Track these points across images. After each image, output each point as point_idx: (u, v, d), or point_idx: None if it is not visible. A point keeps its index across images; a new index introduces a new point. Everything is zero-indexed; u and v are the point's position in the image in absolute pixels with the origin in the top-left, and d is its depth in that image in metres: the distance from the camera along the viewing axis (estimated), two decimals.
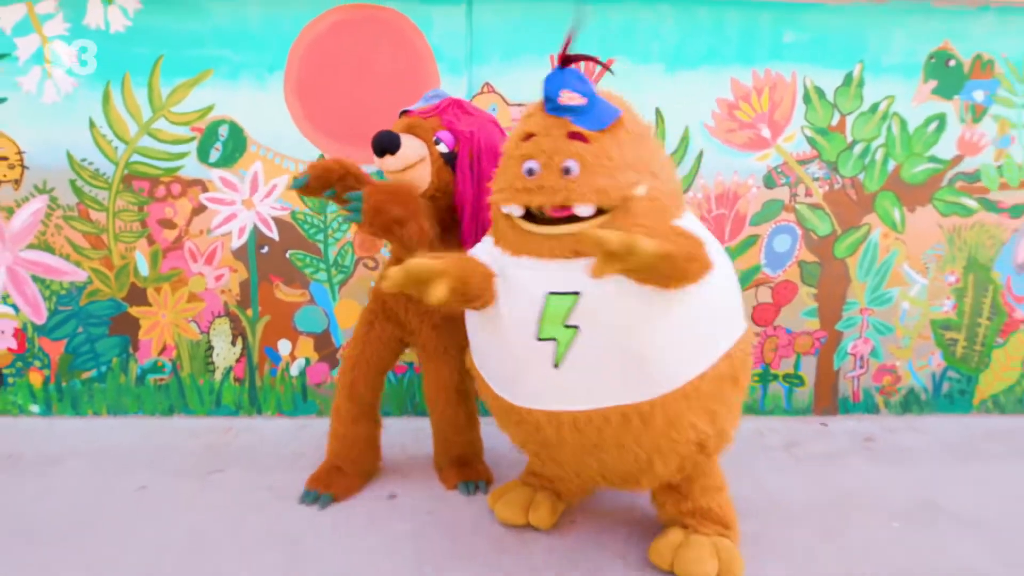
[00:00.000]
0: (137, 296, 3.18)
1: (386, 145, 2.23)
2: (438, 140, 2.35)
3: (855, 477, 2.77)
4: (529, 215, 1.89)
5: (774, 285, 3.26)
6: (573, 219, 1.83)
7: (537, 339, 1.85)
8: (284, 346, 3.24)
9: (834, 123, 3.14)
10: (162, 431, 3.10)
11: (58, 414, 3.26)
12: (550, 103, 1.87)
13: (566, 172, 1.82)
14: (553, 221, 1.85)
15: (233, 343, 3.23)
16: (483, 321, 2.02)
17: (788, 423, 3.29)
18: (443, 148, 2.35)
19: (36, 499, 2.50)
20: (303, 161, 3.05)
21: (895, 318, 3.33)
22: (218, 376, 3.25)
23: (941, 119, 3.17)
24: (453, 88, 3.00)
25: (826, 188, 3.19)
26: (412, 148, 2.30)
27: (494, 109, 3.02)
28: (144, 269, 3.16)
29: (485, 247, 2.09)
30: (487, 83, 3.03)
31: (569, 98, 1.83)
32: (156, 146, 3.06)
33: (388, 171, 2.32)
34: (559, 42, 3.02)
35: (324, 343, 3.24)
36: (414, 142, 2.31)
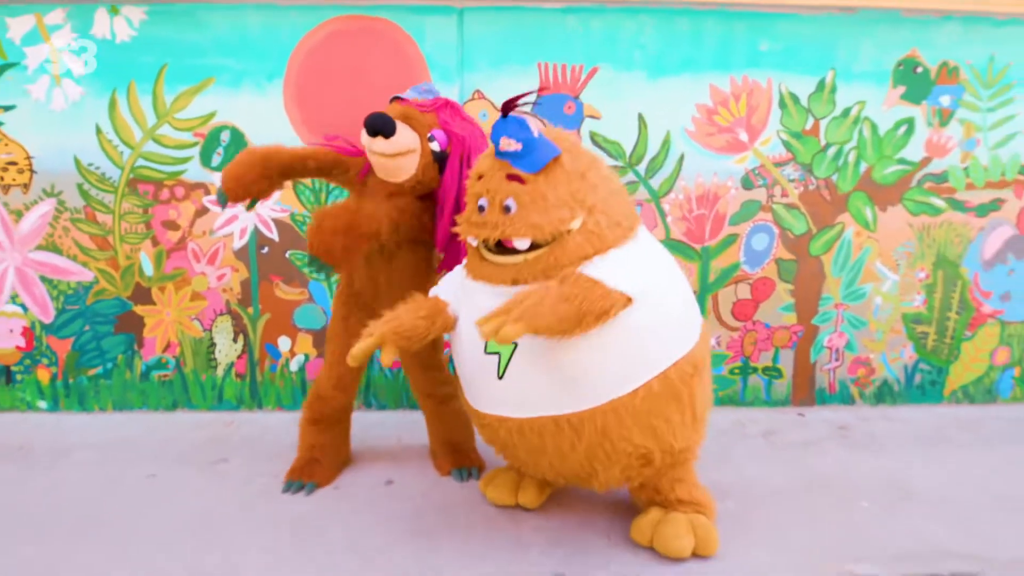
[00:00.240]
0: (142, 295, 3.30)
1: (380, 127, 2.31)
2: (432, 137, 2.45)
3: (829, 463, 2.92)
4: (483, 244, 2.13)
5: (753, 282, 3.41)
6: (515, 251, 2.07)
7: (485, 352, 2.10)
8: (284, 343, 3.37)
9: (808, 127, 3.30)
10: (166, 425, 3.22)
11: (65, 410, 3.38)
12: (495, 148, 2.08)
13: (506, 210, 2.04)
14: (500, 251, 2.10)
15: (235, 340, 3.36)
16: (454, 336, 2.30)
17: (767, 414, 3.44)
18: (435, 146, 2.46)
19: (49, 487, 2.62)
20: None
21: (868, 313, 3.49)
22: (220, 372, 3.38)
23: (910, 123, 3.33)
24: (445, 94, 3.13)
25: (801, 189, 3.35)
26: (405, 137, 2.38)
27: (484, 115, 3.17)
28: (149, 269, 3.28)
29: (456, 272, 2.35)
30: (477, 90, 3.17)
31: (506, 144, 2.03)
32: (160, 151, 3.19)
33: (375, 152, 2.37)
34: (546, 50, 3.20)
35: (323, 340, 3.36)
36: (408, 132, 2.40)
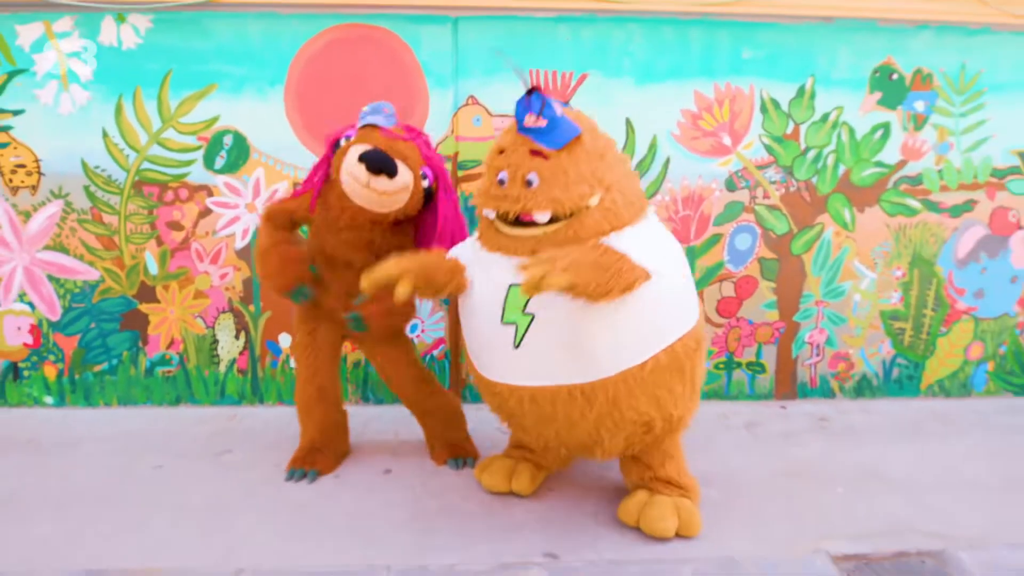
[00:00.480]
0: (147, 293, 3.41)
1: (384, 167, 2.43)
2: (424, 175, 2.58)
3: (808, 453, 3.06)
4: (501, 217, 2.20)
5: (736, 280, 3.55)
6: (533, 224, 2.15)
7: (501, 323, 2.18)
8: (284, 339, 3.48)
9: (789, 131, 3.44)
10: (171, 419, 3.33)
11: (71, 405, 3.48)
12: (519, 124, 2.17)
13: (527, 184, 2.13)
14: (518, 223, 2.17)
15: (237, 337, 3.47)
16: (465, 305, 2.35)
17: (751, 407, 3.57)
18: (425, 183, 2.59)
19: (61, 476, 2.73)
20: (302, 168, 3.28)
21: (848, 309, 3.63)
22: (222, 368, 3.49)
23: (886, 127, 3.48)
24: (440, 100, 3.28)
25: (782, 191, 3.49)
26: (404, 177, 2.50)
27: (478, 121, 3.30)
28: (153, 268, 3.39)
29: (468, 243, 2.41)
30: (471, 96, 3.30)
31: (533, 121, 2.13)
32: (165, 154, 3.30)
33: (374, 189, 2.46)
34: (538, 57, 3.33)
35: None
36: (406, 171, 2.51)
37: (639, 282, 2.07)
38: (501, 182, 2.17)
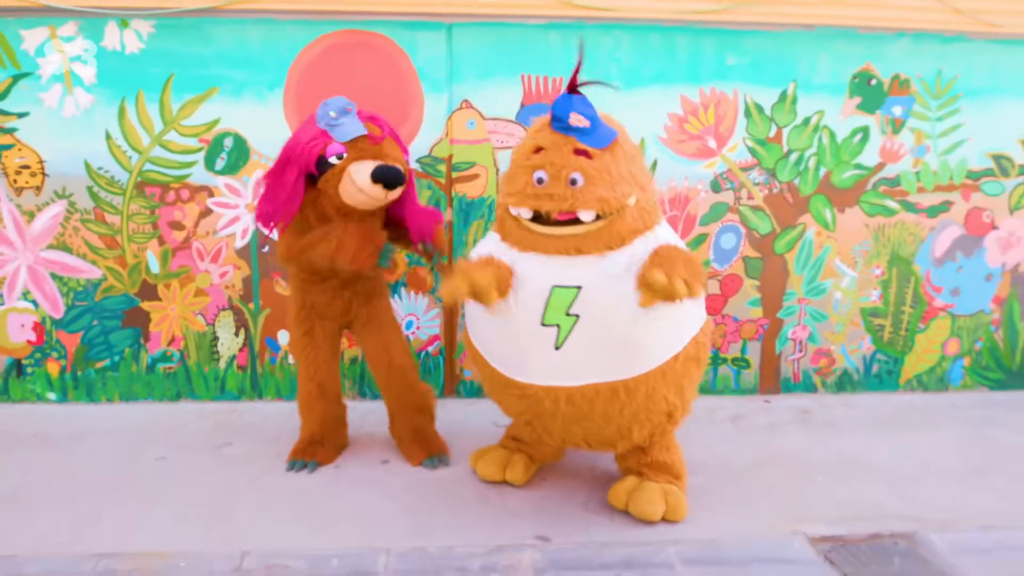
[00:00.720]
0: (148, 291, 3.49)
1: (400, 182, 2.55)
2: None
3: (791, 444, 3.17)
4: (536, 217, 2.21)
5: (722, 278, 3.67)
6: (576, 222, 2.16)
7: (541, 324, 2.18)
8: (283, 336, 3.57)
9: (772, 135, 3.57)
10: (172, 414, 3.41)
11: (74, 401, 3.55)
12: (558, 122, 2.17)
13: (572, 183, 2.14)
14: (557, 223, 2.17)
15: (236, 334, 3.55)
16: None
17: (736, 401, 3.69)
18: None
19: (68, 467, 2.81)
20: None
21: (829, 307, 3.76)
22: (222, 364, 3.58)
23: (865, 131, 3.61)
24: (435, 104, 3.38)
25: (766, 192, 3.61)
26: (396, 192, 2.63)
27: (472, 124, 3.40)
28: (155, 267, 3.47)
29: (492, 242, 2.39)
30: (465, 100, 3.40)
31: (577, 120, 2.15)
32: (167, 155, 3.39)
33: (366, 192, 2.55)
34: (529, 63, 3.43)
35: None
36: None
37: (701, 291, 2.12)
38: (540, 181, 2.15)
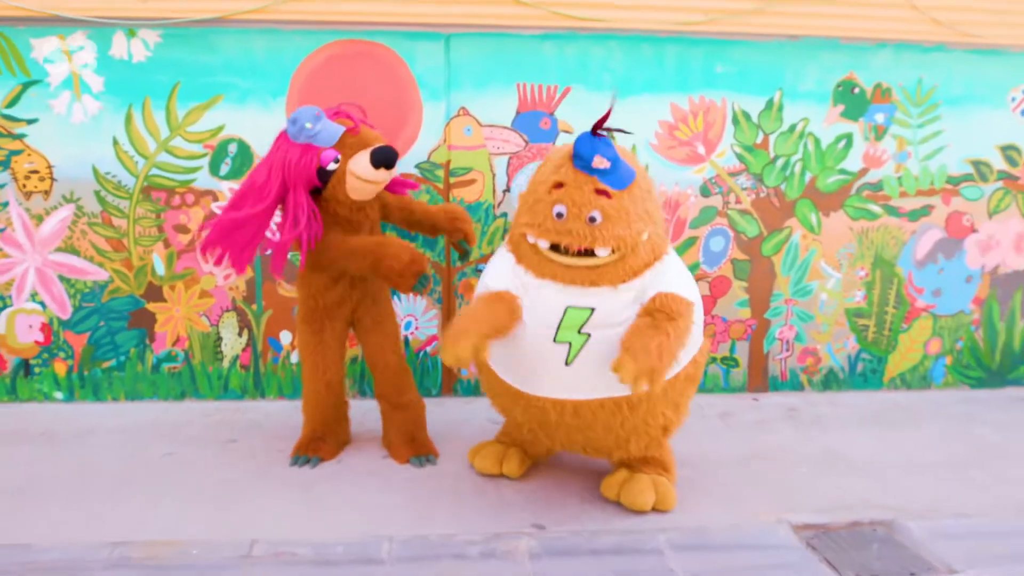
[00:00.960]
0: (154, 293, 3.59)
1: (395, 158, 2.64)
2: None
3: (777, 439, 3.29)
4: (553, 247, 2.34)
5: (711, 280, 3.79)
6: (591, 254, 2.30)
7: (554, 342, 2.32)
8: (285, 336, 3.67)
9: (759, 141, 3.69)
10: (177, 412, 3.51)
11: (80, 400, 3.64)
12: (580, 161, 2.29)
13: (591, 220, 2.28)
14: (575, 254, 2.31)
15: (240, 334, 3.65)
16: None
17: (725, 399, 3.80)
18: None
19: (77, 462, 2.91)
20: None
21: (815, 307, 3.88)
22: (226, 364, 3.67)
23: (848, 138, 3.74)
24: (433, 111, 3.49)
25: (753, 196, 3.74)
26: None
27: (468, 131, 3.52)
28: (160, 269, 3.57)
29: (507, 265, 2.48)
30: (463, 107, 3.52)
31: (599, 163, 2.27)
32: (172, 161, 3.49)
33: (372, 180, 2.65)
34: (525, 72, 3.54)
35: None
36: None
37: (691, 316, 2.32)
38: (559, 215, 2.30)
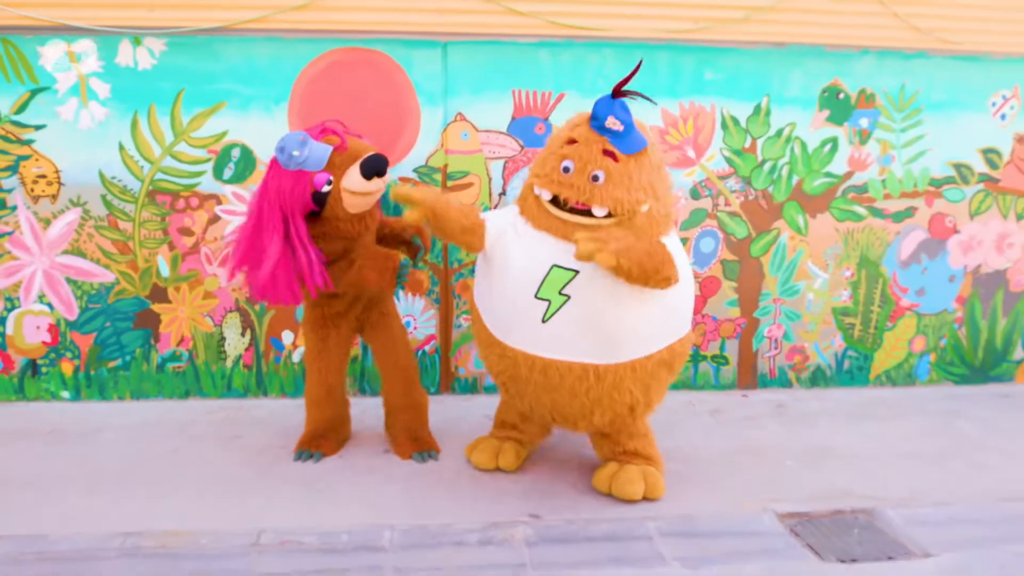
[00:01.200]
0: (159, 294, 3.68)
1: (385, 165, 2.71)
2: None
3: (765, 434, 3.40)
4: (554, 201, 2.43)
5: (701, 280, 3.90)
6: (588, 214, 2.38)
7: (535, 296, 2.41)
8: (287, 336, 3.76)
9: (747, 145, 3.80)
10: (182, 410, 3.60)
11: (87, 399, 3.73)
12: (596, 121, 2.38)
13: (594, 179, 2.36)
14: (573, 211, 2.39)
15: (242, 334, 3.74)
16: (495, 270, 2.55)
17: (715, 396, 3.91)
18: None
19: (87, 458, 3.00)
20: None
21: (802, 307, 3.99)
22: (229, 363, 3.76)
23: (834, 142, 3.85)
24: (431, 116, 3.60)
25: (742, 199, 3.85)
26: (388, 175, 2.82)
27: (465, 136, 3.62)
28: (165, 271, 3.66)
29: (509, 212, 2.60)
30: (459, 113, 3.62)
31: (612, 123, 2.36)
32: (177, 166, 3.58)
33: (367, 192, 2.72)
34: (520, 78, 3.64)
35: None
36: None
37: (671, 282, 2.34)
38: (566, 170, 2.36)
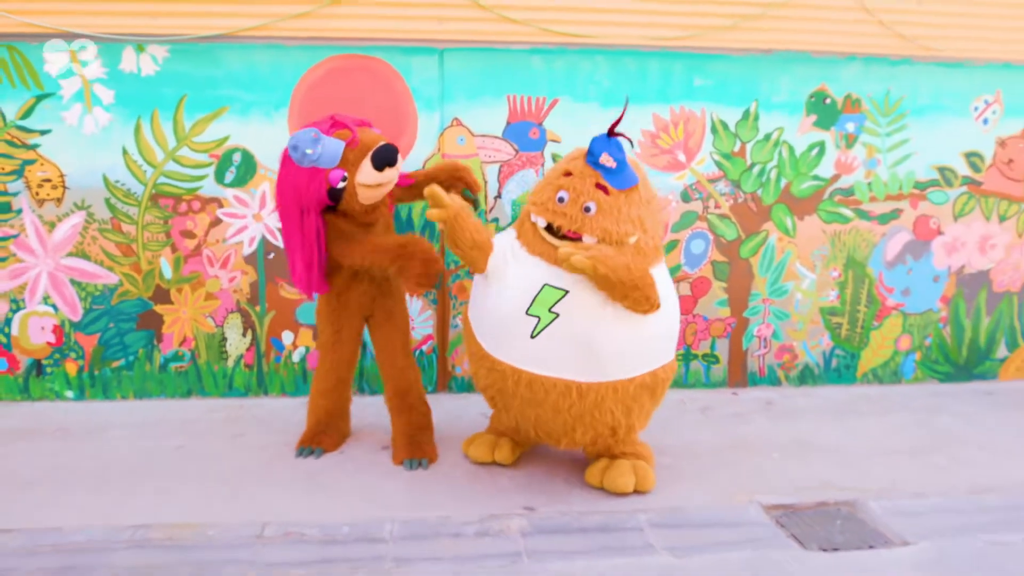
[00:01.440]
0: (161, 296, 3.76)
1: (396, 155, 2.74)
2: None
3: (753, 429, 3.50)
4: (549, 228, 2.58)
5: (692, 281, 3.99)
6: (580, 241, 2.52)
7: (526, 313, 2.54)
8: (287, 337, 3.84)
9: (736, 149, 3.90)
10: (184, 409, 3.67)
11: (91, 398, 3.80)
12: (591, 157, 2.53)
13: (586, 210, 2.50)
14: (565, 238, 2.54)
15: (244, 335, 3.82)
16: (492, 287, 2.66)
17: (706, 393, 4.01)
18: None
19: (94, 455, 3.07)
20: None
21: (791, 306, 4.09)
22: (230, 363, 3.84)
23: (821, 146, 3.96)
24: (428, 122, 3.69)
25: (731, 201, 3.95)
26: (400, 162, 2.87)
27: (462, 140, 3.71)
28: (168, 273, 3.74)
29: (508, 236, 2.75)
30: (456, 118, 3.71)
31: (606, 160, 2.50)
32: (179, 170, 3.66)
33: (380, 184, 2.78)
34: (515, 84, 3.73)
35: None
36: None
37: (652, 306, 2.46)
38: (561, 200, 2.52)
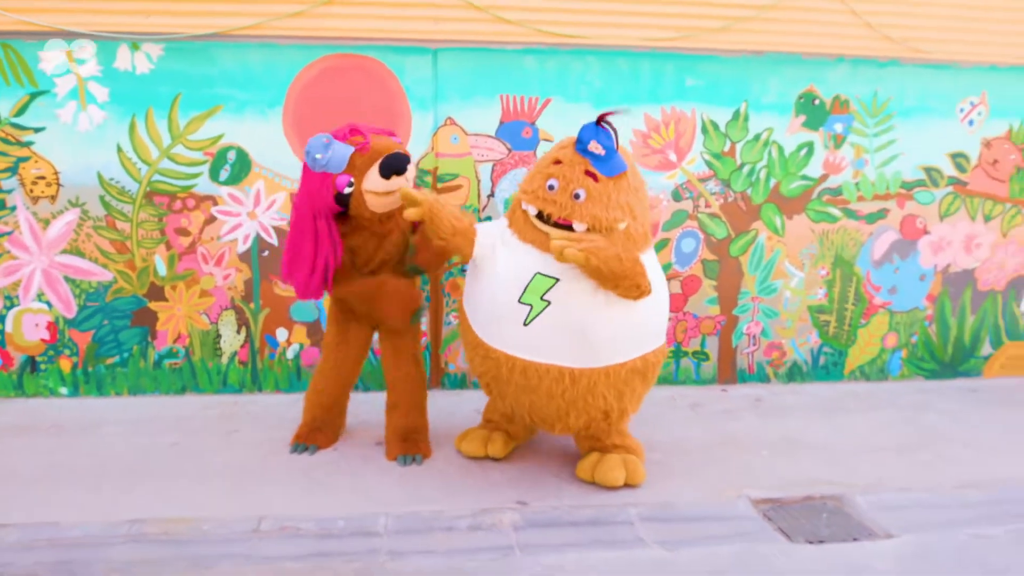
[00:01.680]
0: (156, 293, 3.78)
1: (406, 163, 2.76)
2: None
3: (742, 426, 3.55)
4: (540, 216, 2.60)
5: (683, 279, 4.04)
6: (569, 228, 2.56)
7: (518, 301, 2.57)
8: (281, 334, 3.87)
9: (726, 149, 3.95)
10: (179, 406, 3.69)
11: (85, 395, 3.82)
12: (580, 144, 2.56)
13: (575, 197, 2.53)
14: (556, 225, 2.57)
15: (238, 332, 3.85)
16: (484, 276, 2.70)
17: (696, 390, 4.06)
18: None
19: (90, 451, 3.09)
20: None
21: (780, 304, 4.15)
22: (225, 360, 3.87)
23: (810, 146, 4.01)
24: (422, 121, 3.72)
25: (722, 201, 4.00)
26: (411, 171, 2.89)
27: (455, 139, 3.74)
28: (162, 270, 3.76)
29: (498, 224, 2.78)
30: (449, 117, 3.74)
31: (594, 148, 2.53)
32: (174, 167, 3.68)
33: (388, 192, 2.78)
34: (508, 84, 3.77)
35: (315, 331, 3.88)
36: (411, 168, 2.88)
37: (642, 292, 2.50)
38: (551, 187, 2.55)
